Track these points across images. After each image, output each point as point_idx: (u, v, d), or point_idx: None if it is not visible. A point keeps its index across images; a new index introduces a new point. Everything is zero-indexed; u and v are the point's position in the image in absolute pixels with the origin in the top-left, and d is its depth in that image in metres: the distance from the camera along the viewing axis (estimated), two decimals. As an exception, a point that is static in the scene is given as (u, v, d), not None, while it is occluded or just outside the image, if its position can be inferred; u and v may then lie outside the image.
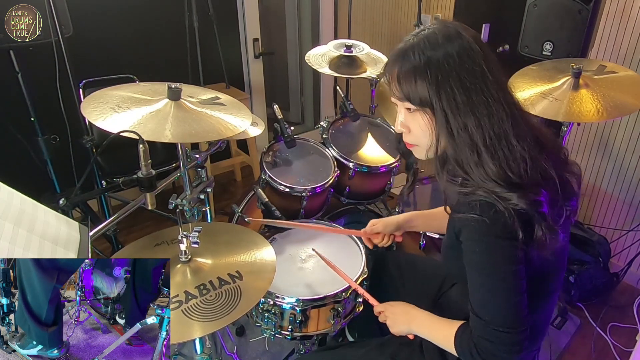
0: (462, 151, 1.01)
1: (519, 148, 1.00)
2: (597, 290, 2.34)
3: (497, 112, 1.00)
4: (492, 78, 1.00)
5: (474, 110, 0.99)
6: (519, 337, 1.00)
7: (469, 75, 0.99)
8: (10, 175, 1.45)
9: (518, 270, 1.00)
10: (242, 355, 2.07)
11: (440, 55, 0.99)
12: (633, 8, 2.14)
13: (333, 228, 1.71)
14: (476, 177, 1.00)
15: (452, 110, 1.00)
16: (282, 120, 1.99)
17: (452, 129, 1.01)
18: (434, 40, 1.01)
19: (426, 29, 1.05)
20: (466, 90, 0.99)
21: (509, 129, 1.00)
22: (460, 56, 0.99)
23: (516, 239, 0.96)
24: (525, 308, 1.01)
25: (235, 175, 3.61)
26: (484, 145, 0.99)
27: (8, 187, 0.96)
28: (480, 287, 1.03)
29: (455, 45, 1.00)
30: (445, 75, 0.99)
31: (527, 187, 0.98)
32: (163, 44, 3.06)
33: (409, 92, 1.04)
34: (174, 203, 1.48)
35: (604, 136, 2.41)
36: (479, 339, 1.03)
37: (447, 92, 1.00)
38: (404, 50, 1.04)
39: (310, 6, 3.90)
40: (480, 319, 1.02)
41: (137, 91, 1.37)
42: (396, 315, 1.27)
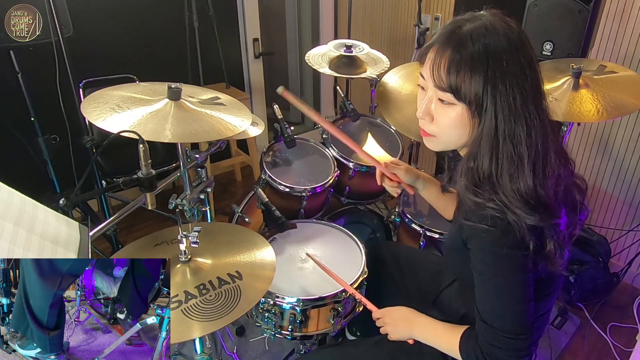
0: (501, 161, 0.93)
1: (556, 165, 0.94)
2: (597, 290, 2.34)
3: (543, 125, 0.92)
4: (539, 80, 0.93)
5: (526, 120, 0.90)
6: (526, 343, 1.00)
7: (526, 79, 0.90)
8: (10, 175, 1.45)
9: (527, 279, 0.98)
10: (242, 355, 2.07)
11: (501, 49, 0.89)
12: (633, 8, 2.14)
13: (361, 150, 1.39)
14: (506, 190, 0.92)
15: (504, 116, 0.90)
16: (282, 120, 1.99)
17: (499, 135, 0.92)
18: (494, 30, 0.90)
19: (480, 16, 0.93)
20: (522, 96, 0.90)
21: (550, 144, 0.93)
22: (519, 56, 0.90)
23: (527, 249, 0.94)
24: (532, 315, 1.01)
25: (235, 175, 3.61)
26: (528, 159, 0.91)
27: (8, 187, 0.96)
28: (488, 295, 1.02)
29: (515, 40, 0.90)
30: (504, 74, 0.89)
31: (552, 208, 0.93)
32: (163, 44, 3.06)
33: (458, 84, 0.91)
34: (174, 203, 1.48)
35: (604, 136, 2.41)
36: (486, 345, 1.02)
37: (504, 94, 0.90)
38: (460, 35, 0.91)
39: (310, 6, 3.90)
40: (488, 326, 1.01)
41: (137, 91, 1.37)
42: (396, 321, 1.25)
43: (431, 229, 1.87)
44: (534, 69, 0.92)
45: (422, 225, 1.89)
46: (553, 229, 0.94)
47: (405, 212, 1.98)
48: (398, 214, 2.03)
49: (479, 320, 1.04)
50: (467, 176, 0.98)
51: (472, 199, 0.96)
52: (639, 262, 2.44)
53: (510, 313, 1.00)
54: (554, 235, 0.95)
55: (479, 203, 0.95)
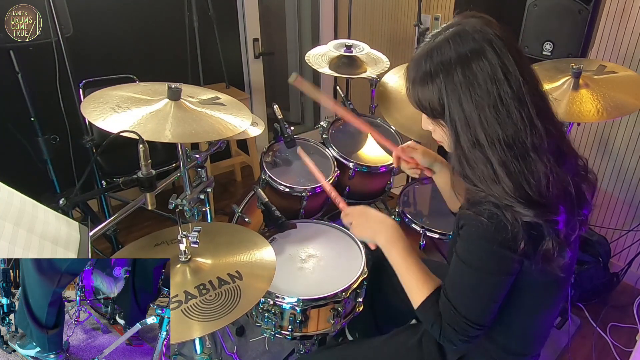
0: (477, 167, 0.96)
1: (539, 163, 0.93)
2: (597, 290, 2.34)
3: (512, 125, 0.92)
4: (511, 82, 0.92)
5: (484, 127, 0.93)
6: (477, 333, 1.03)
7: (478, 84, 0.92)
8: (10, 175, 1.45)
9: (505, 281, 1.00)
10: (242, 355, 2.07)
11: (449, 64, 0.93)
12: (633, 8, 2.14)
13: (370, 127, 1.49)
14: (493, 192, 0.94)
15: (462, 125, 0.95)
16: (282, 120, 1.99)
17: (462, 144, 0.96)
18: (445, 45, 0.95)
19: (448, 27, 0.98)
20: (476, 102, 0.92)
21: (527, 142, 0.93)
22: (469, 62, 0.92)
23: (515, 251, 0.94)
24: (496, 313, 1.04)
25: (235, 175, 3.61)
26: (499, 162, 0.93)
27: (8, 187, 0.96)
28: (463, 280, 1.03)
29: (465, 48, 0.93)
30: (452, 85, 0.93)
31: (547, 205, 0.93)
32: (163, 44, 3.06)
33: (419, 100, 1.00)
34: (174, 203, 1.48)
35: (604, 136, 2.41)
36: (446, 326, 1.04)
37: (454, 103, 0.94)
38: (417, 56, 0.99)
39: (310, 6, 3.90)
40: (452, 308, 1.03)
41: (137, 91, 1.37)
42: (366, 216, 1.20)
43: (431, 229, 1.87)
44: (494, 74, 0.91)
45: (422, 225, 1.89)
46: (551, 227, 0.94)
47: (405, 212, 1.98)
48: (398, 214, 2.03)
49: (444, 297, 1.05)
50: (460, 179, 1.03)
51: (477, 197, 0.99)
52: (639, 262, 2.44)
53: (480, 307, 1.02)
54: (552, 234, 0.94)
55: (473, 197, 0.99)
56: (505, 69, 0.92)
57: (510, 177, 0.93)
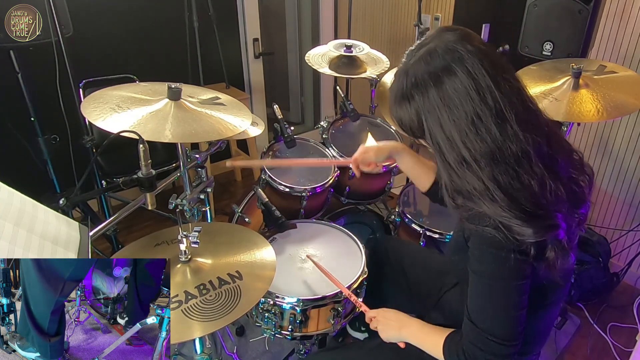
0: (467, 183, 0.94)
1: (528, 173, 0.91)
2: (597, 290, 2.34)
3: (494, 140, 0.90)
4: (486, 99, 0.90)
5: (465, 142, 0.91)
6: (509, 351, 0.99)
7: (454, 104, 0.90)
8: (10, 175, 1.45)
9: (523, 285, 0.98)
10: (242, 355, 2.07)
11: (421, 82, 0.93)
12: (633, 8, 2.14)
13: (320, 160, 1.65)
14: (490, 209, 0.92)
15: (443, 143, 0.94)
16: (282, 120, 1.99)
17: (450, 163, 0.95)
18: (417, 65, 0.94)
19: (417, 48, 0.98)
20: (454, 122, 0.91)
21: (511, 155, 0.90)
22: (442, 82, 0.91)
23: (527, 254, 0.93)
24: (523, 323, 1.00)
25: (235, 175, 3.61)
26: (489, 177, 0.91)
27: (8, 187, 0.96)
28: (481, 295, 1.02)
29: (436, 68, 0.91)
30: (427, 105, 0.93)
31: (545, 217, 0.92)
32: (163, 44, 3.06)
33: (400, 120, 1.00)
34: (174, 203, 1.48)
35: (604, 136, 2.41)
36: (469, 345, 1.02)
37: (433, 124, 0.93)
38: (398, 73, 0.99)
39: (310, 6, 3.90)
40: (474, 326, 1.01)
41: (137, 91, 1.37)
42: (388, 321, 1.25)
43: (431, 229, 1.87)
44: (466, 85, 0.90)
45: (422, 225, 1.89)
46: (553, 237, 0.93)
47: (405, 212, 1.98)
48: (398, 214, 2.03)
49: (466, 319, 1.04)
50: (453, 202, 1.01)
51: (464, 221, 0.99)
52: (639, 262, 2.44)
53: (500, 317, 0.99)
54: (555, 243, 0.94)
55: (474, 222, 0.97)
56: (478, 85, 0.89)
57: (503, 191, 0.91)
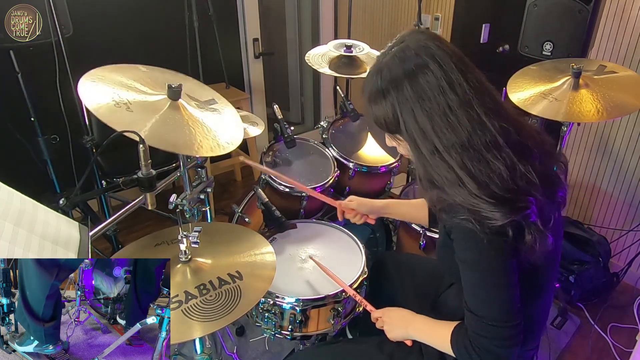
0: (439, 173, 0.99)
1: (498, 160, 0.96)
2: (597, 290, 2.34)
3: (464, 130, 0.96)
4: (456, 91, 0.97)
5: (437, 132, 0.97)
6: (513, 331, 1.01)
7: (427, 96, 0.96)
8: (10, 175, 1.45)
9: (509, 265, 1.00)
10: (242, 355, 2.07)
11: (398, 79, 0.98)
12: (633, 8, 2.14)
13: (313, 191, 1.70)
14: (460, 196, 0.97)
15: (417, 135, 0.99)
16: (282, 120, 1.99)
17: (423, 154, 1.00)
18: (391, 62, 1.00)
19: (389, 49, 1.03)
20: (427, 113, 0.97)
21: (480, 143, 0.96)
22: (415, 76, 0.97)
23: (506, 235, 0.95)
24: (518, 301, 1.02)
25: (235, 175, 3.61)
26: (459, 165, 0.96)
27: (8, 187, 0.96)
28: (472, 283, 1.04)
29: (410, 64, 0.98)
30: (403, 99, 0.98)
31: (515, 200, 0.95)
32: (163, 44, 3.06)
33: (375, 117, 1.04)
34: (174, 203, 1.48)
35: (604, 136, 2.41)
36: (474, 335, 1.03)
37: (408, 116, 0.99)
38: (369, 75, 1.04)
39: (310, 6, 3.90)
40: (474, 315, 1.03)
41: (137, 77, 1.37)
42: (393, 320, 1.27)
43: (431, 229, 1.87)
44: (438, 80, 0.96)
45: (422, 225, 1.89)
46: (525, 220, 0.96)
47: (405, 212, 1.97)
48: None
49: (466, 311, 1.05)
50: (425, 191, 1.06)
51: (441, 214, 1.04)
52: (639, 262, 2.44)
53: (495, 300, 1.01)
54: (530, 225, 0.96)
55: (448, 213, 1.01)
56: (448, 78, 0.97)
57: (473, 178, 0.96)
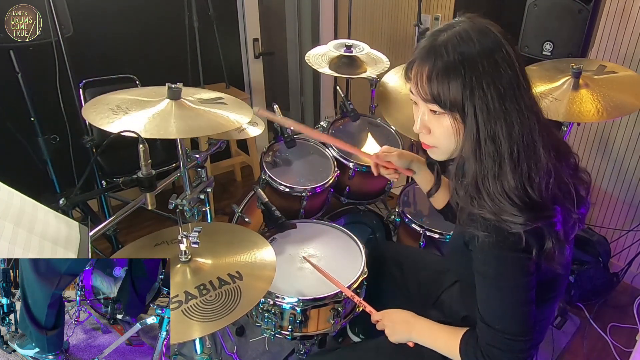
0: (484, 162, 0.95)
1: (544, 159, 0.94)
2: (597, 290, 2.34)
3: (528, 121, 0.93)
4: (524, 82, 0.94)
5: (506, 118, 0.92)
6: (526, 345, 1.01)
7: (503, 78, 0.92)
8: (10, 175, 1.45)
9: (529, 282, 0.99)
10: (242, 355, 2.07)
11: (475, 54, 0.92)
12: (633, 8, 2.14)
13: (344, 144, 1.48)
14: (492, 193, 0.93)
15: (483, 117, 0.93)
16: (282, 120, 1.98)
17: (480, 136, 0.94)
18: (467, 37, 0.93)
19: (455, 24, 0.97)
20: (500, 96, 0.92)
21: (537, 139, 0.94)
22: (495, 57, 0.92)
23: (529, 252, 0.94)
24: (533, 317, 1.01)
25: (235, 175, 3.61)
26: (510, 156, 0.93)
27: (8, 187, 0.96)
28: (490, 297, 1.02)
29: (489, 43, 0.93)
30: (480, 76, 0.92)
31: (543, 207, 0.93)
32: (163, 44, 3.06)
33: (439, 93, 0.95)
34: (174, 203, 1.48)
35: (604, 136, 2.41)
36: (487, 347, 1.03)
37: (481, 97, 0.92)
38: (436, 47, 0.95)
39: (310, 6, 3.90)
40: (489, 327, 1.02)
41: (138, 94, 1.37)
42: (395, 324, 1.25)
43: (431, 229, 1.87)
44: (512, 68, 0.93)
45: (422, 225, 1.89)
46: (550, 228, 0.94)
47: (405, 212, 1.98)
48: (398, 214, 2.03)
49: (479, 322, 1.04)
50: (458, 181, 1.02)
51: (468, 210, 0.99)
52: (639, 262, 2.44)
53: (512, 315, 1.00)
54: (552, 234, 0.95)
55: (474, 214, 0.97)
56: (519, 60, 0.95)
57: (515, 172, 0.93)
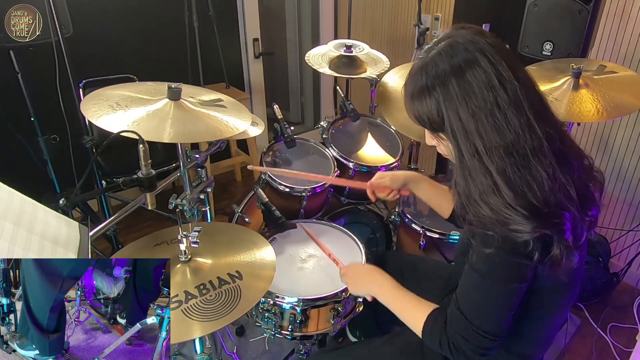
0: (476, 178, 0.95)
1: (541, 169, 0.91)
2: (597, 290, 2.34)
3: (511, 132, 0.91)
4: (506, 89, 0.92)
5: (480, 132, 0.92)
6: (493, 344, 1.02)
7: (474, 93, 0.92)
8: (10, 175, 1.45)
9: (520, 288, 0.99)
10: (242, 355, 2.07)
11: (447, 74, 0.93)
12: (633, 8, 2.14)
13: (337, 178, 1.63)
14: (492, 205, 0.93)
15: (461, 135, 0.94)
16: (282, 120, 1.99)
17: (463, 154, 0.96)
18: (444, 56, 0.95)
19: (434, 44, 0.99)
20: (472, 112, 0.92)
21: (527, 147, 0.91)
22: (463, 72, 0.92)
23: (530, 258, 0.93)
24: (510, 322, 1.02)
25: (235, 175, 3.61)
26: (498, 170, 0.92)
27: (8, 187, 0.96)
28: (478, 292, 1.02)
29: (460, 61, 0.93)
30: (448, 96, 0.94)
31: (550, 215, 0.91)
32: (163, 44, 3.06)
33: (419, 114, 1.00)
34: (174, 203, 1.48)
35: (604, 136, 2.41)
36: (454, 334, 1.03)
37: (452, 114, 0.94)
38: (418, 67, 0.99)
39: (310, 6, 3.90)
40: (464, 318, 1.02)
41: (138, 90, 1.37)
42: (356, 276, 1.27)
43: (431, 229, 1.87)
44: (490, 83, 0.92)
45: (422, 225, 1.89)
46: (559, 235, 0.93)
47: (405, 212, 1.98)
48: (398, 214, 2.03)
49: (455, 309, 1.04)
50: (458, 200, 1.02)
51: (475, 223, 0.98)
52: (639, 262, 2.44)
53: (492, 316, 1.01)
54: (560, 241, 0.93)
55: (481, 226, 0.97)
56: (499, 75, 0.92)
57: (510, 185, 0.91)
